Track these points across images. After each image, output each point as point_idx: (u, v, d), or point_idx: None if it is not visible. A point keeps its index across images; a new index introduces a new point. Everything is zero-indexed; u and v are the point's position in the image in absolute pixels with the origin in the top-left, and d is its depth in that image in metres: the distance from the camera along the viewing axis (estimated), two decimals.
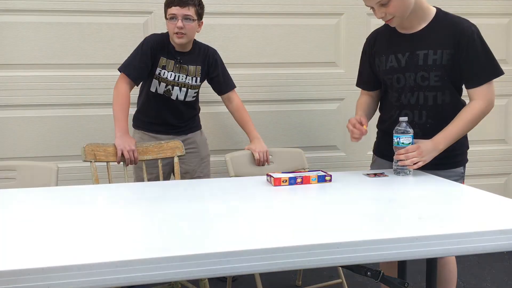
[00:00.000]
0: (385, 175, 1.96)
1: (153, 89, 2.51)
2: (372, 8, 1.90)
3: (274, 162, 2.51)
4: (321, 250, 1.15)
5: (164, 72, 2.47)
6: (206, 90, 2.68)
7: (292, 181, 1.82)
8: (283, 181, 1.81)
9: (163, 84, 2.49)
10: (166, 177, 2.57)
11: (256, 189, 1.79)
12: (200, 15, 2.45)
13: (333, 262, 1.18)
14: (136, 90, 2.59)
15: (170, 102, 2.53)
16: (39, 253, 1.11)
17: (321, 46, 3.12)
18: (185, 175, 2.61)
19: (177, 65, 2.49)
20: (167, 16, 2.42)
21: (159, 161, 2.39)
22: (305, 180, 1.83)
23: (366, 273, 1.62)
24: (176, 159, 2.39)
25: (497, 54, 2.66)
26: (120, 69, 2.43)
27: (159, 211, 1.51)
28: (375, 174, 1.98)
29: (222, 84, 2.60)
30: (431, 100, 1.95)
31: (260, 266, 1.13)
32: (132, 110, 2.54)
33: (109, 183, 2.26)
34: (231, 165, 2.39)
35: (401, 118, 1.90)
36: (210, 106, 2.95)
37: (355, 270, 1.65)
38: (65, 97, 2.88)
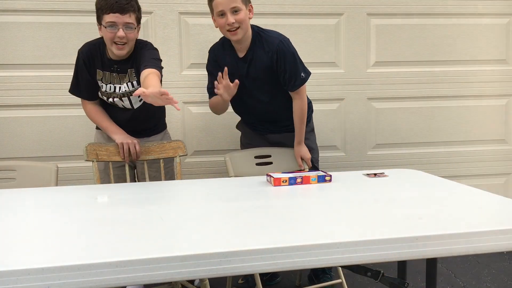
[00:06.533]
0: (385, 175, 1.96)
1: (103, 98, 2.36)
2: None
3: (274, 162, 2.51)
4: (321, 250, 1.15)
5: (103, 85, 2.29)
6: (206, 90, 2.66)
7: (292, 181, 1.82)
8: (283, 181, 1.81)
9: (105, 97, 2.34)
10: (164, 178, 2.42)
11: (256, 189, 1.79)
12: (139, 20, 2.23)
13: (333, 262, 1.18)
14: None
15: (123, 110, 2.36)
16: (39, 253, 1.12)
17: (321, 46, 3.12)
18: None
19: (114, 75, 2.27)
20: (104, 24, 2.15)
21: (160, 161, 2.34)
22: (305, 180, 1.83)
23: (366, 273, 1.63)
24: (178, 159, 2.37)
25: (497, 54, 2.67)
26: (70, 92, 2.38)
27: (159, 211, 1.51)
28: (375, 174, 1.98)
29: (140, 64, 2.20)
30: None
31: (260, 266, 1.13)
32: None
33: (112, 182, 2.26)
34: (231, 165, 2.39)
35: None
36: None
37: (355, 270, 1.65)
38: (65, 97, 2.85)
